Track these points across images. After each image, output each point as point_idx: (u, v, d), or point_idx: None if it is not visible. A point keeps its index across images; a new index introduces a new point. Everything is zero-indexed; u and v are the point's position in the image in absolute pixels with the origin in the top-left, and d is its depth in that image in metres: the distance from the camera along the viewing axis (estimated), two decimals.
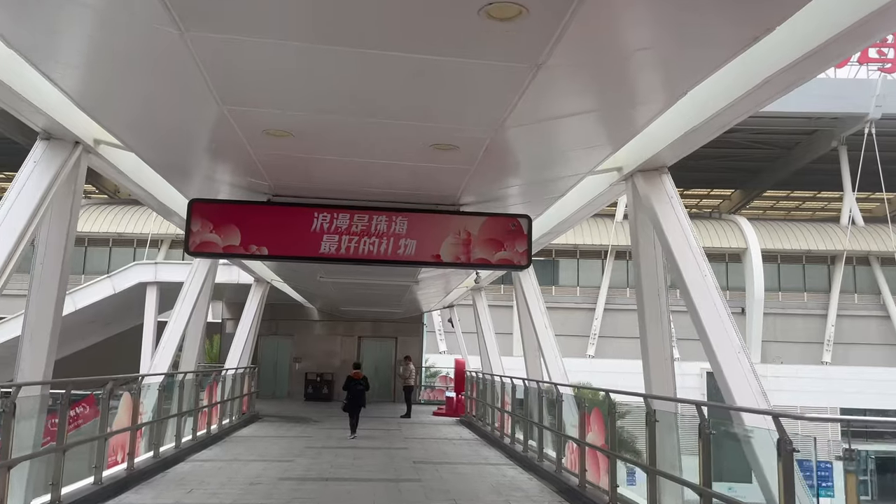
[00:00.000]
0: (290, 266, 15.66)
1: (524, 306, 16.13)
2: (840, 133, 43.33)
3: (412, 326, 29.28)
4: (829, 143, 44.02)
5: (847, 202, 44.61)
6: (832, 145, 43.89)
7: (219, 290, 26.17)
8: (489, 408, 19.29)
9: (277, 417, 22.37)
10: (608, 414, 10.21)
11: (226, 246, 8.56)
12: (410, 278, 16.03)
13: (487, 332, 21.47)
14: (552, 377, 14.78)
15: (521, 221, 8.85)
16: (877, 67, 42.91)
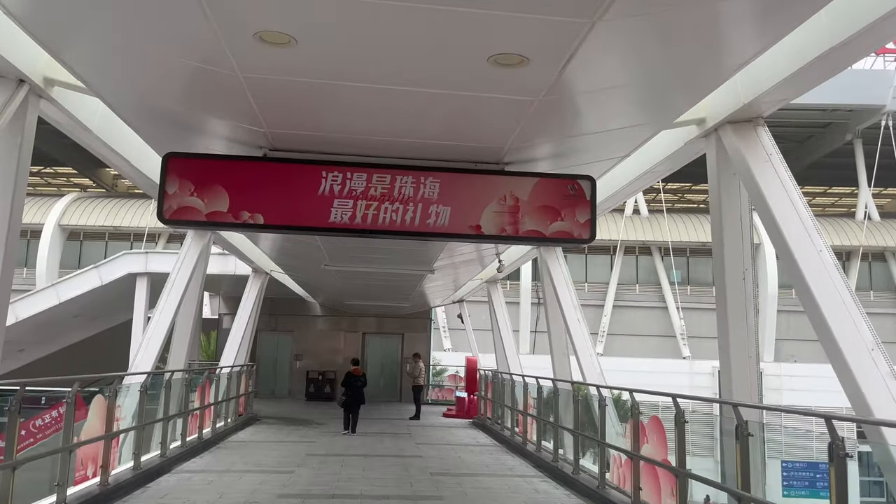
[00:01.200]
0: (291, 251, 13.74)
1: (553, 298, 14.20)
2: (855, 126, 41.44)
3: (419, 322, 27.35)
4: (843, 136, 42.14)
5: (862, 196, 42.74)
6: (846, 139, 42.01)
7: (215, 283, 24.23)
8: (508, 410, 17.37)
9: (277, 419, 20.43)
10: (676, 424, 8.29)
11: (210, 213, 6.64)
12: (426, 266, 14.12)
13: (504, 327, 19.55)
14: (587, 377, 12.86)
15: (583, 184, 6.92)
16: (894, 58, 41.04)
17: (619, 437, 10.95)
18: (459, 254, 13.41)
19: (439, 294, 22.82)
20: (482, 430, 18.95)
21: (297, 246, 12.90)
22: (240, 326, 18.67)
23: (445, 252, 12.46)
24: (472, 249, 13.11)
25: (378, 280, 16.85)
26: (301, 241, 12.05)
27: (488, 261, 15.84)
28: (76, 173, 51.57)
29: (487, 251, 13.66)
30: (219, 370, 16.72)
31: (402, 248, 12.11)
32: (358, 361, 18.25)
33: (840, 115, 41.00)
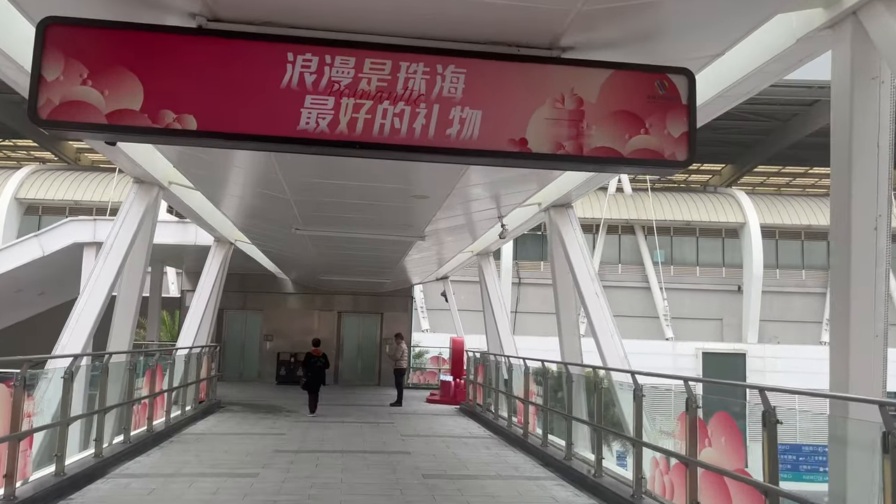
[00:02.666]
0: (258, 210, 11.27)
1: (564, 269, 11.91)
2: None
3: (400, 301, 24.95)
4: (828, 114, 40.18)
5: None
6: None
7: (176, 256, 21.58)
8: (503, 396, 15.11)
9: (243, 406, 17.97)
10: (765, 425, 6.02)
11: (114, 112, 4.19)
12: (414, 231, 11.73)
13: (497, 305, 17.27)
14: (608, 361, 10.62)
15: (676, 80, 4.58)
16: None
17: (662, 436, 8.73)
18: (456, 216, 11.06)
19: (423, 270, 20.46)
20: (472, 418, 16.68)
21: (264, 201, 10.46)
22: (200, 303, 16.15)
23: (443, 211, 10.12)
24: (476, 209, 10.78)
25: (357, 250, 14.44)
26: (268, 193, 9.62)
27: (481, 229, 13.49)
28: (37, 146, 48.16)
29: (486, 213, 11.32)
30: (174, 352, 14.19)
31: (388, 204, 9.76)
32: (319, 342, 17.18)
33: (826, 92, 39.09)
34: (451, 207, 10.17)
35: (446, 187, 8.55)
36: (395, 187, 8.60)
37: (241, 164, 8.70)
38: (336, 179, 8.38)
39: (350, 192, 9.09)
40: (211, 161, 9.20)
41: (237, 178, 9.59)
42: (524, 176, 9.55)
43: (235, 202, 11.39)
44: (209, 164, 9.37)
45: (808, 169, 50.21)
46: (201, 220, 14.12)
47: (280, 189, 9.08)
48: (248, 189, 10.14)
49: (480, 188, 9.55)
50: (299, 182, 8.64)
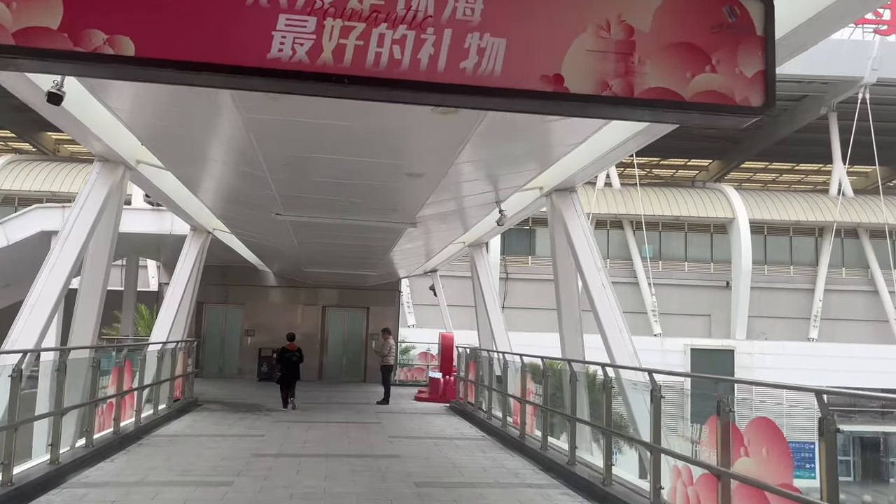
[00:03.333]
0: (234, 192, 10.19)
1: (567, 259, 10.94)
2: (831, 99, 39.01)
3: (386, 294, 23.87)
4: (818, 110, 39.67)
5: (836, 172, 40.47)
6: (821, 112, 39.56)
7: (151, 247, 20.38)
8: (499, 395, 14.14)
9: (221, 404, 16.86)
10: (823, 434, 5.07)
11: (23, 30, 3.13)
12: (405, 217, 10.70)
13: (490, 298, 16.24)
14: (616, 358, 9.64)
15: (750, 5, 3.57)
16: (872, 29, 38.61)
17: (680, 441, 7.78)
18: (451, 199, 10.05)
19: (411, 262, 19.43)
20: (464, 418, 15.68)
21: (241, 181, 9.39)
22: (175, 296, 15.01)
23: (438, 193, 9.10)
24: (472, 192, 9.77)
25: (343, 239, 13.39)
26: (245, 171, 8.55)
27: (477, 216, 12.47)
28: (15, 137, 46.78)
29: (483, 197, 10.31)
30: (145, 348, 13.07)
31: (377, 183, 8.73)
32: (293, 336, 16.95)
33: (816, 87, 38.53)
34: (446, 189, 9.16)
35: (443, 163, 7.53)
36: (386, 163, 7.56)
37: (215, 137, 7.64)
38: (319, 153, 7.34)
39: (335, 170, 8.05)
40: (181, 135, 8.14)
41: (211, 154, 8.52)
42: (525, 154, 8.58)
43: (210, 184, 10.30)
44: (179, 139, 8.31)
45: (794, 165, 49.70)
46: (175, 205, 12.99)
47: (258, 166, 8.02)
48: (222, 168, 9.06)
49: (478, 166, 8.55)
50: (278, 157, 7.58)
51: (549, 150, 8.71)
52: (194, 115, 6.98)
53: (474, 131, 6.58)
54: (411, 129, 6.46)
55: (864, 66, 36.95)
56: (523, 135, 7.53)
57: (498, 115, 6.31)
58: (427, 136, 6.70)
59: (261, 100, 5.56)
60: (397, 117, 6.08)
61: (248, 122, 6.21)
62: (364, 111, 5.97)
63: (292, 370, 16.04)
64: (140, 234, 16.74)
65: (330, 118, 6.13)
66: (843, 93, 37.92)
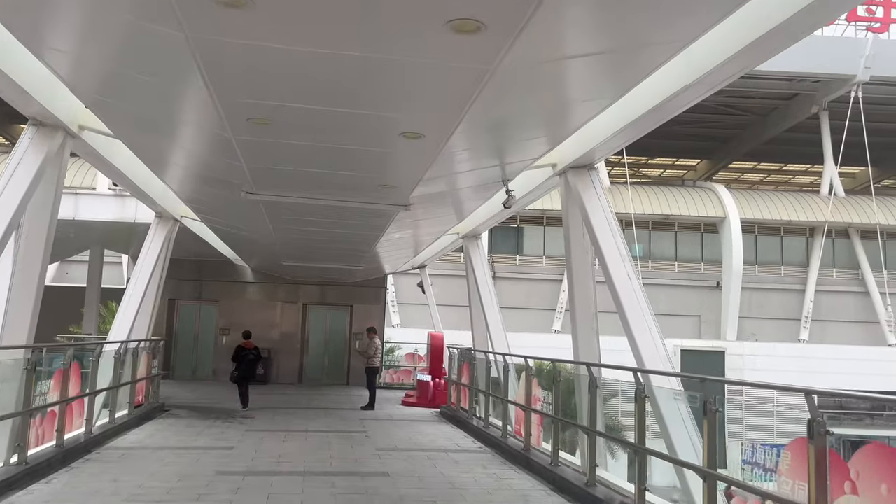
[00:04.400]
0: (193, 159, 8.52)
1: (581, 245, 9.36)
2: (822, 98, 37.89)
3: (371, 292, 22.16)
4: (809, 108, 38.54)
5: (828, 172, 39.35)
6: (812, 111, 38.43)
7: (116, 238, 18.53)
8: (496, 401, 12.55)
9: (191, 409, 15.11)
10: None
11: None
12: (399, 198, 9.06)
13: (487, 295, 14.59)
14: (645, 362, 8.06)
15: None
16: (865, 26, 37.51)
17: (767, 476, 6.18)
18: (452, 175, 8.43)
19: (398, 256, 17.77)
20: (457, 426, 14.05)
21: (200, 147, 7.70)
22: (137, 290, 13.23)
23: (438, 167, 7.49)
24: (476, 167, 8.16)
25: (324, 225, 11.71)
26: (204, 131, 6.88)
27: (478, 199, 10.82)
28: None
29: (488, 172, 8.69)
30: (99, 348, 11.31)
31: (366, 149, 7.09)
32: (250, 334, 16.08)
33: (808, 85, 37.36)
34: (447, 161, 7.54)
35: (447, 121, 5.92)
36: (377, 116, 5.91)
37: (164, 86, 5.97)
38: (291, 101, 5.69)
39: (312, 127, 6.39)
40: (123, 87, 6.46)
41: (162, 112, 6.83)
42: (541, 118, 6.98)
43: (168, 154, 8.56)
44: (122, 90, 6.62)
45: (782, 165, 48.63)
46: (134, 185, 11.23)
47: (219, 124, 6.35)
48: (179, 131, 7.37)
49: (486, 131, 6.94)
50: (240, 108, 5.92)
51: (568, 113, 7.13)
52: (138, 59, 5.35)
53: (488, 80, 5.02)
54: (414, 66, 4.85)
55: (857, 64, 35.86)
56: (543, 91, 5.98)
57: (517, 63, 4.77)
58: (431, 78, 5.09)
59: (209, 8, 3.91)
60: (397, 46, 4.47)
61: (197, 47, 4.55)
62: (350, 35, 4.34)
63: (249, 369, 15.41)
64: (101, 223, 14.96)
65: (304, 43, 4.50)
66: (835, 91, 36.81)
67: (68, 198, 14.97)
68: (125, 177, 10.47)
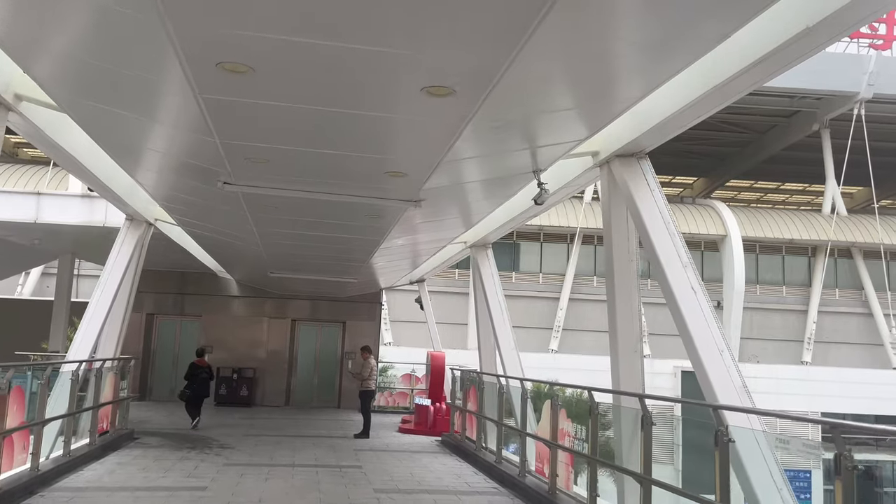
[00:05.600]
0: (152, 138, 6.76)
1: (625, 251, 7.69)
2: (824, 115, 36.68)
3: (365, 307, 20.33)
4: (809, 126, 37.28)
5: (829, 190, 38.02)
6: (813, 129, 37.18)
7: (88, 244, 16.65)
8: (512, 433, 10.77)
9: (163, 437, 13.21)
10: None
11: None
12: (410, 192, 7.36)
13: (497, 311, 12.79)
14: (717, 394, 6.34)
15: None
16: (867, 43, 36.42)
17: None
18: (479, 158, 6.72)
19: (396, 267, 16.03)
20: (463, 458, 12.23)
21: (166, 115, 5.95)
22: (103, 302, 11.41)
23: (464, 147, 5.79)
24: (506, 149, 6.47)
25: (316, 227, 9.97)
26: (163, 87, 5.15)
27: (491, 200, 9.11)
28: None
29: (514, 160, 7.00)
30: (49, 368, 9.45)
31: (370, 107, 5.38)
32: (203, 352, 15.45)
33: (808, 102, 36.14)
34: (473, 139, 5.86)
35: (486, 73, 4.25)
36: (396, 55, 4.22)
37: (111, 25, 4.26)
38: (278, 33, 3.98)
39: (302, 75, 4.69)
40: (65, 49, 4.76)
41: (112, 63, 5.10)
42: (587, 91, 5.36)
43: (122, 128, 6.79)
44: (64, 55, 4.92)
45: (780, 184, 47.35)
46: (93, 178, 9.42)
47: (176, 73, 4.63)
48: (132, 91, 5.63)
49: (523, 102, 5.28)
50: (209, 47, 4.22)
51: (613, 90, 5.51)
52: None
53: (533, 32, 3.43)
54: None
55: (859, 81, 34.70)
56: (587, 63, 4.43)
57: None
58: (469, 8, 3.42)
59: None
60: None
61: None
62: None
63: (202, 387, 14.77)
64: (67, 227, 13.15)
65: None
66: (837, 108, 35.63)
67: (29, 198, 13.18)
68: (78, 164, 8.67)
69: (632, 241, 7.78)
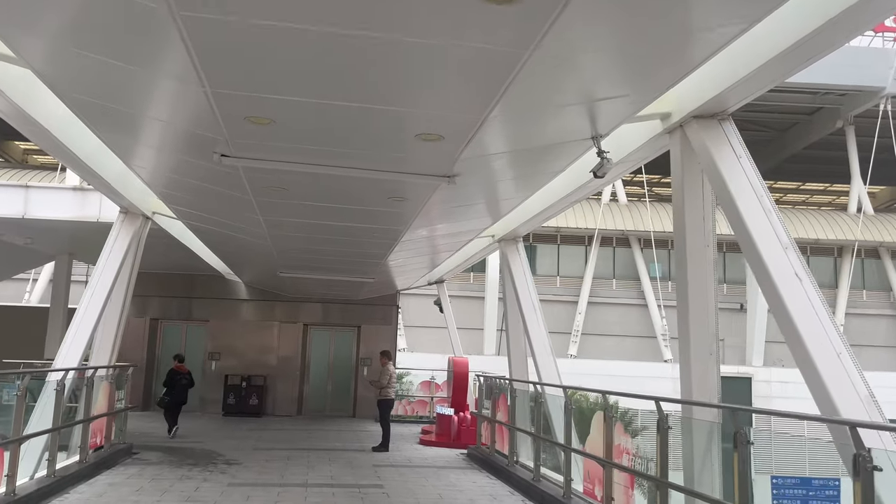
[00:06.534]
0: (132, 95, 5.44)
1: (699, 231, 6.32)
2: (848, 111, 35.18)
3: (381, 311, 18.96)
4: (833, 123, 35.79)
5: (855, 188, 36.45)
6: (837, 126, 35.68)
7: (84, 243, 15.37)
8: (558, 449, 9.36)
9: (163, 452, 11.90)
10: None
11: None
12: (441, 168, 6.02)
13: (530, 310, 11.36)
14: (839, 408, 4.96)
15: None
16: (893, 37, 34.92)
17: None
18: (516, 121, 5.39)
19: (415, 267, 14.70)
20: (495, 475, 10.83)
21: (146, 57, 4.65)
22: (95, 304, 10.12)
23: (506, 107, 4.47)
24: (560, 103, 5.14)
25: (332, 215, 8.65)
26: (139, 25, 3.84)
27: (534, 179, 7.75)
28: None
29: (567, 125, 5.66)
30: (25, 378, 8.14)
31: (413, 38, 4.03)
32: (182, 358, 14.90)
33: (832, 99, 34.65)
34: (523, 93, 4.54)
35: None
36: None
37: None
38: None
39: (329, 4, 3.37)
40: None
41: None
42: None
43: (93, 77, 5.48)
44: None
45: (800, 184, 45.76)
46: (77, 161, 8.14)
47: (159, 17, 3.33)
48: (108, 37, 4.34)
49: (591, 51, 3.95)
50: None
51: (689, 41, 4.21)
52: None
53: None
54: None
55: (885, 76, 33.17)
56: None
57: None
58: None
59: None
60: None
61: None
62: None
63: (181, 394, 14.16)
64: (57, 223, 11.90)
65: None
66: (861, 105, 34.12)
67: (16, 191, 11.92)
68: (51, 137, 7.36)
69: (708, 221, 6.41)
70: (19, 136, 5.63)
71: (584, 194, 9.37)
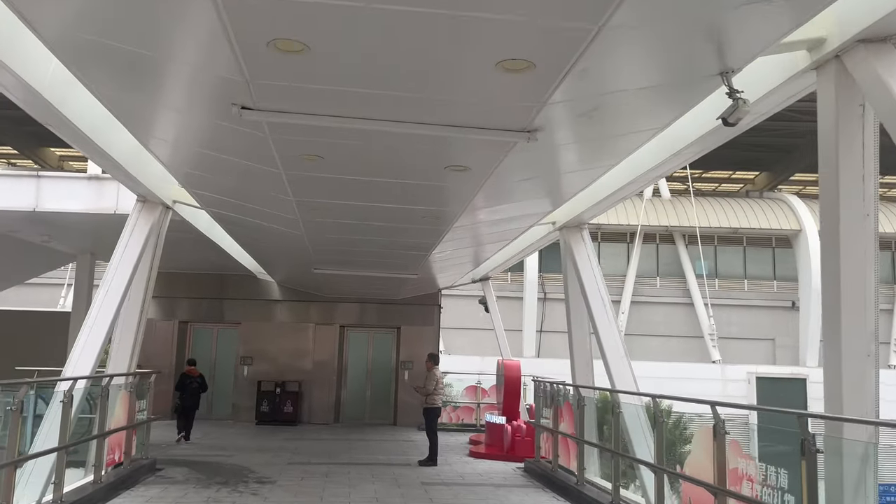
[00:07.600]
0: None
1: (857, 191, 4.79)
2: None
3: (422, 311, 17.53)
4: None
5: None
6: None
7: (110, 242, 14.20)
8: (650, 471, 7.83)
9: (190, 468, 10.59)
10: None
11: None
12: (520, 121, 4.52)
13: (599, 307, 9.75)
14: None
15: None
16: None
17: None
18: (630, 40, 3.88)
19: (462, 260, 13.24)
20: (560, 494, 9.28)
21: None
22: (109, 304, 8.86)
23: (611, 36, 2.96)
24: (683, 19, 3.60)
25: (376, 190, 7.24)
26: None
27: (634, 137, 6.21)
28: (17, 153, 41.70)
29: (697, 47, 4.13)
30: (23, 389, 6.83)
31: None
32: (194, 361, 14.32)
33: None
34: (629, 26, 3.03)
35: None
36: None
37: None
38: None
39: None
40: None
41: None
42: None
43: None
44: None
45: None
46: (83, 138, 6.86)
47: None
48: None
49: None
50: None
51: None
52: None
53: None
54: None
55: None
56: None
57: None
58: None
59: None
60: None
61: None
62: None
63: (193, 398, 13.60)
64: (71, 215, 10.69)
65: None
66: None
67: (28, 182, 10.73)
68: (55, 111, 6.08)
69: (869, 183, 4.85)
70: (54, 141, 4.55)
71: (669, 168, 7.83)
